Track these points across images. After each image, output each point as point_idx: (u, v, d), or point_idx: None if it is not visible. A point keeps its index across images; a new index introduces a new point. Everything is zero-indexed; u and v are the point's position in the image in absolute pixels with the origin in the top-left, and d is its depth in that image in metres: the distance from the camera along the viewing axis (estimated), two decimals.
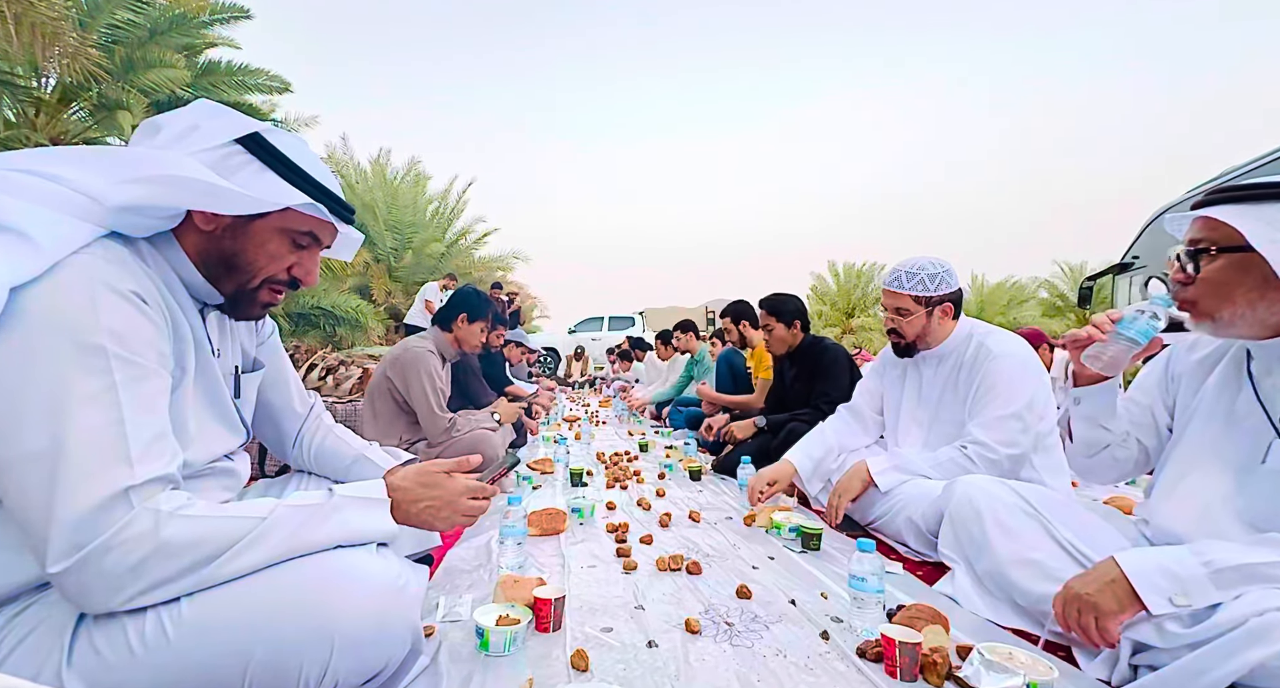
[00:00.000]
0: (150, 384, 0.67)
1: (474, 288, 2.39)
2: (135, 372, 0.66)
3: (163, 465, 0.66)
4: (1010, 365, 1.60)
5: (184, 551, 0.63)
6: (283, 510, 0.69)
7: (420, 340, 2.29)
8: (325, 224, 0.82)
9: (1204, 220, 0.92)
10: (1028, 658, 0.94)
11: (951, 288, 1.71)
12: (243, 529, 0.66)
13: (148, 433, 0.65)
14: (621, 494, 2.26)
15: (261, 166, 0.75)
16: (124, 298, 0.67)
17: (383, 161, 13.95)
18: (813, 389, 2.55)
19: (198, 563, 0.64)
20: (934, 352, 1.77)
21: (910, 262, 1.74)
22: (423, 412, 2.18)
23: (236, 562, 0.66)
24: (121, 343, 0.65)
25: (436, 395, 2.19)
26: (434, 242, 12.89)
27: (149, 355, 0.68)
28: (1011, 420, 1.55)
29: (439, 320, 2.37)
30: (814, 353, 2.60)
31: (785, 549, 1.61)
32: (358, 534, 0.73)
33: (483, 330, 2.37)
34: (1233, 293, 0.89)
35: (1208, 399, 1.04)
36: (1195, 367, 1.10)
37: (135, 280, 0.69)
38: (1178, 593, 0.85)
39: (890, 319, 1.78)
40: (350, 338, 8.80)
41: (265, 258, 0.79)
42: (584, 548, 1.61)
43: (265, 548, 0.67)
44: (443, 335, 2.36)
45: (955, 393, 1.71)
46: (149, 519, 0.62)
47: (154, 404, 0.67)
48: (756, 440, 2.59)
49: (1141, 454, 1.16)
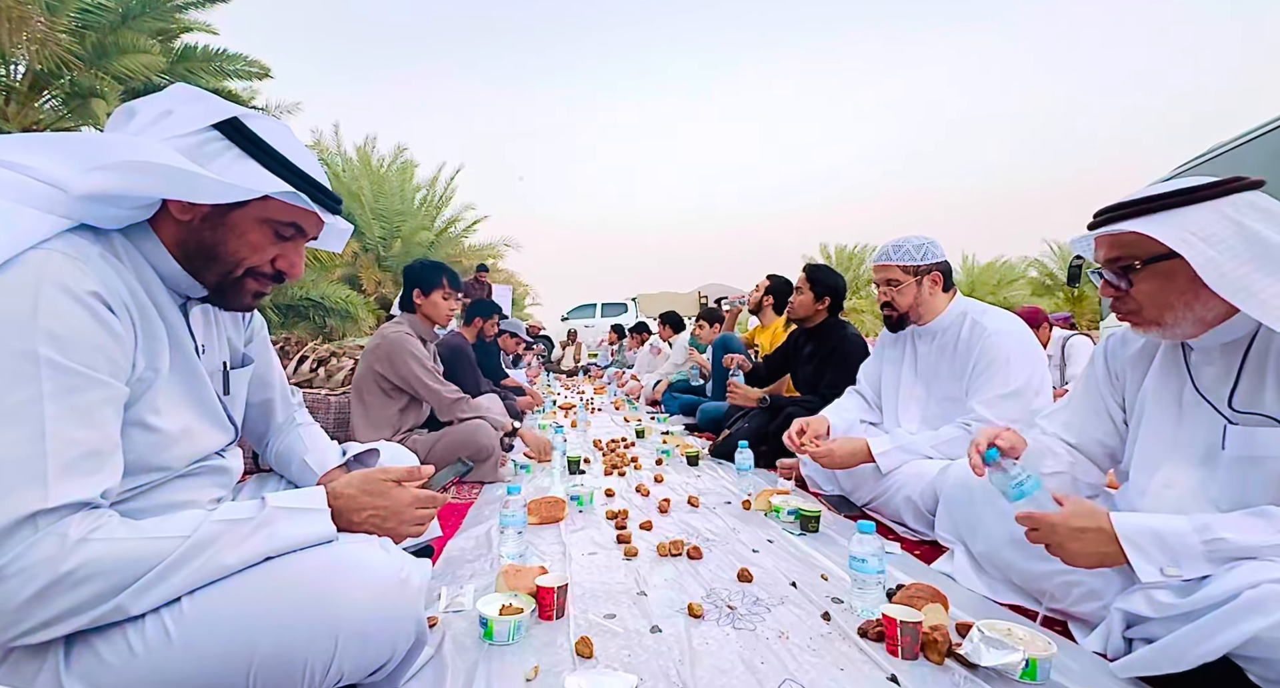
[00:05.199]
0: (90, 395, 0.63)
1: (420, 260, 2.32)
2: (72, 381, 0.62)
3: (87, 487, 0.62)
4: (1007, 343, 1.61)
5: (93, 579, 0.59)
6: (210, 527, 0.66)
7: (395, 326, 2.25)
8: (309, 214, 0.79)
9: (1113, 238, 0.97)
10: (1026, 633, 0.95)
11: (938, 258, 1.75)
12: (163, 551, 0.63)
13: (74, 450, 0.61)
14: (620, 481, 2.26)
15: (240, 153, 0.73)
16: (75, 299, 0.63)
17: (369, 149, 13.69)
18: (823, 375, 2.51)
19: (111, 590, 0.60)
20: (928, 327, 1.78)
21: (897, 238, 1.80)
22: (425, 391, 2.14)
23: (159, 587, 0.62)
24: (61, 349, 0.61)
25: (430, 372, 2.14)
26: (423, 230, 12.80)
27: (96, 363, 0.64)
28: (1013, 398, 1.56)
29: (403, 303, 2.31)
30: (835, 336, 2.57)
31: (784, 532, 1.62)
32: (291, 545, 0.70)
33: (445, 297, 2.27)
34: (1169, 299, 0.93)
35: (1153, 393, 1.06)
36: (1134, 360, 1.13)
37: (99, 278, 0.66)
38: (1169, 563, 0.86)
39: (883, 293, 1.80)
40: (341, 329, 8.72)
41: (246, 249, 0.77)
42: (584, 535, 1.62)
43: (190, 570, 0.64)
44: (412, 317, 2.30)
45: (951, 367, 1.72)
46: (52, 546, 0.58)
47: (91, 417, 0.63)
48: (754, 423, 2.57)
49: (1104, 455, 1.18)
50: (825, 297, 2.60)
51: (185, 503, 0.78)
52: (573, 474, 2.36)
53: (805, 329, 2.72)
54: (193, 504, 0.79)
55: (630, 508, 1.86)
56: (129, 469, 0.70)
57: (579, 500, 1.88)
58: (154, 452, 0.75)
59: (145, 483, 0.75)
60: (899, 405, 1.86)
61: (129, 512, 0.69)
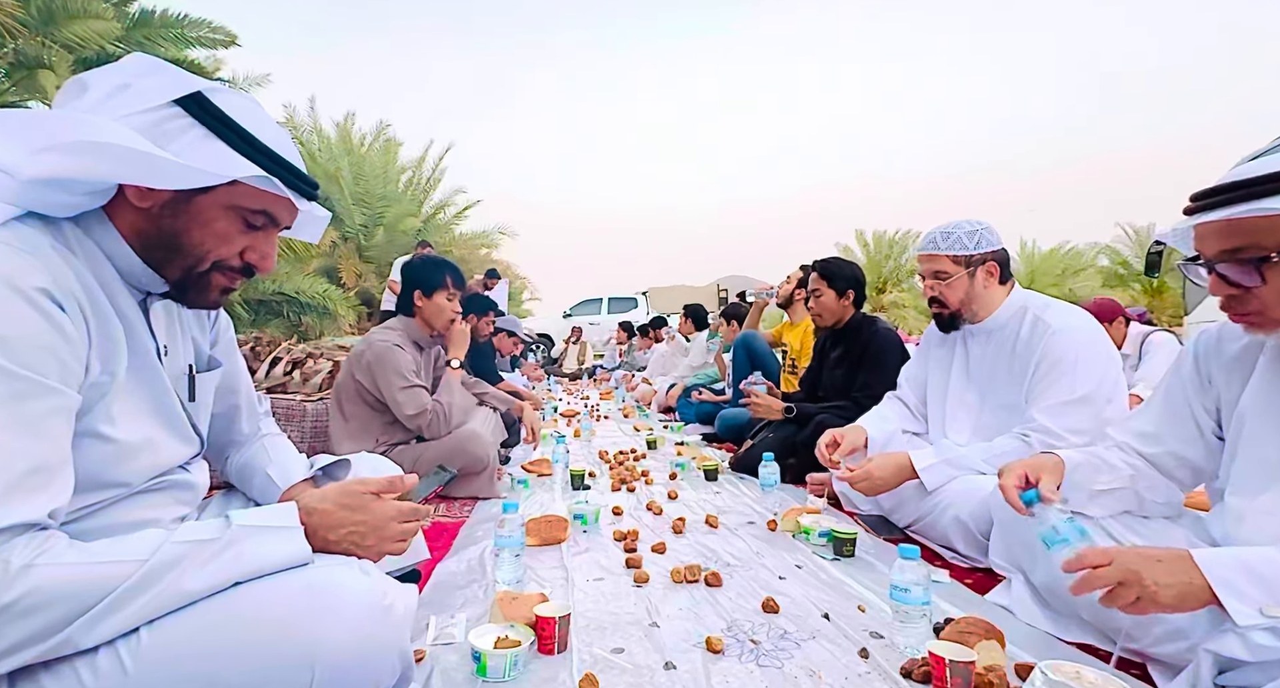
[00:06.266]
0: (38, 403, 0.63)
1: (422, 257, 2.35)
2: (16, 387, 0.62)
3: (33, 506, 0.62)
4: (1074, 342, 1.59)
5: (39, 610, 0.59)
6: (170, 549, 0.66)
7: (385, 332, 2.26)
8: (282, 201, 0.80)
9: (1232, 224, 0.88)
10: (1098, 677, 0.93)
11: (993, 246, 1.73)
12: (118, 577, 0.63)
13: (19, 465, 0.61)
14: (629, 498, 2.28)
15: (205, 132, 0.73)
16: (21, 296, 0.63)
17: (348, 126, 13.78)
18: (855, 378, 2.50)
19: (59, 622, 0.60)
20: (982, 325, 1.76)
21: (945, 224, 1.77)
22: (403, 412, 2.16)
23: (113, 618, 0.62)
24: (5, 351, 0.62)
25: (410, 393, 2.16)
26: (409, 216, 12.84)
27: (45, 367, 0.64)
28: (1079, 406, 1.54)
29: (401, 305, 2.32)
30: (863, 334, 2.56)
31: (815, 557, 1.62)
32: (262, 569, 0.70)
33: (450, 298, 2.27)
34: None
35: (1258, 404, 1.02)
36: (1232, 364, 1.09)
37: (48, 273, 0.66)
38: (1270, 603, 0.83)
39: (930, 287, 1.78)
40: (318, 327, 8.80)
41: (212, 239, 0.77)
42: (589, 559, 1.63)
43: (148, 598, 0.63)
44: (410, 322, 2.30)
45: (1009, 371, 1.70)
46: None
47: (39, 428, 0.63)
48: (780, 433, 2.56)
49: (1184, 469, 1.15)
50: (848, 291, 2.59)
51: (144, 522, 0.78)
52: (576, 490, 2.37)
53: (830, 332, 2.72)
54: (153, 524, 0.79)
55: (641, 528, 1.87)
56: (81, 486, 0.70)
57: (583, 519, 1.89)
58: (109, 466, 0.75)
59: (99, 501, 0.75)
60: (947, 414, 1.84)
61: (81, 533, 0.69)
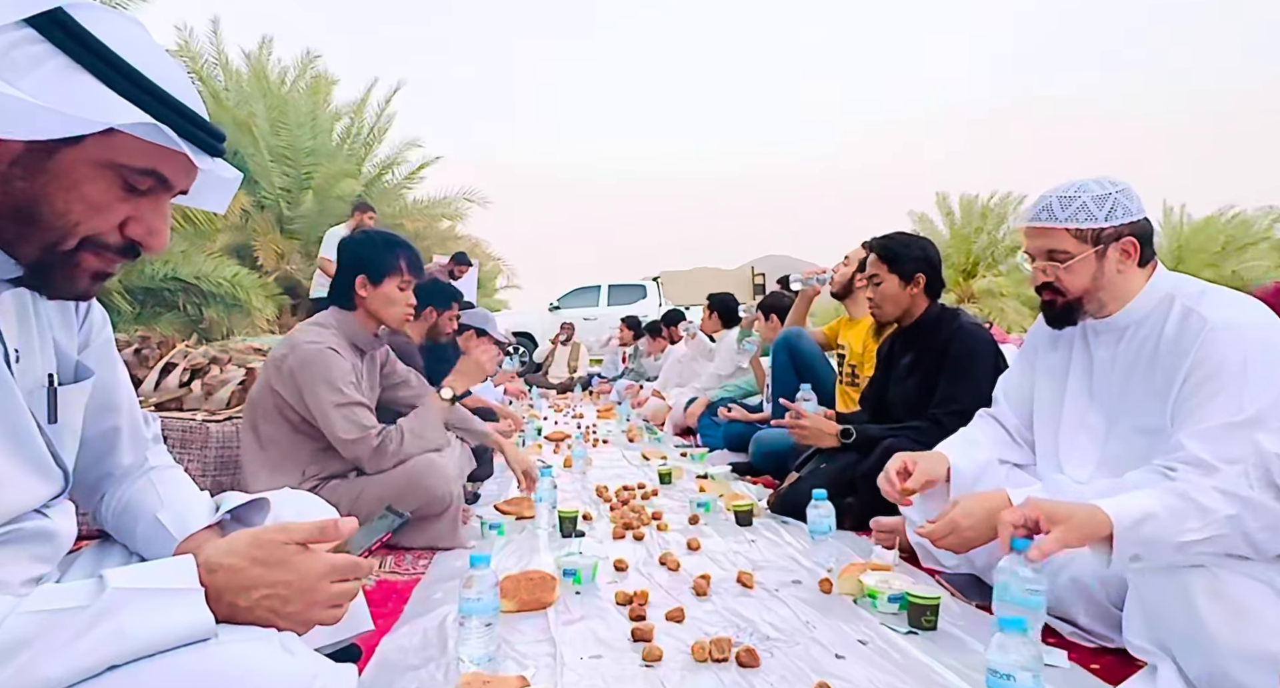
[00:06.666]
0: None
1: (367, 232, 2.34)
2: None
3: None
4: (1241, 343, 1.54)
5: None
6: (20, 621, 0.65)
7: (314, 330, 2.24)
8: (175, 156, 0.78)
9: None
10: None
11: (1132, 215, 1.67)
12: None
13: None
14: (635, 548, 2.26)
15: (68, 63, 0.72)
16: None
17: (263, 58, 13.56)
18: (931, 390, 2.47)
19: None
20: (1112, 320, 1.73)
21: (1064, 185, 1.72)
22: (337, 437, 2.16)
23: None
24: None
25: (347, 412, 2.14)
26: (346, 178, 12.70)
27: None
28: (1247, 430, 1.48)
29: (336, 295, 2.32)
30: (941, 333, 2.54)
31: (884, 629, 1.61)
32: (148, 647, 0.69)
33: (403, 287, 2.28)
34: None
35: None
36: None
37: None
38: None
39: (1041, 271, 1.74)
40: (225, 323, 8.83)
41: (81, 208, 0.76)
42: (584, 630, 1.62)
43: None
44: (348, 316, 2.30)
45: (1148, 383, 1.66)
46: None
47: None
48: (835, 464, 2.55)
49: None
50: (916, 276, 2.58)
51: None
52: (566, 537, 2.35)
53: (898, 331, 2.71)
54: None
55: (652, 588, 1.86)
56: None
57: (576, 577, 1.88)
58: None
59: None
60: (1061, 440, 1.81)
61: None
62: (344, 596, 0.83)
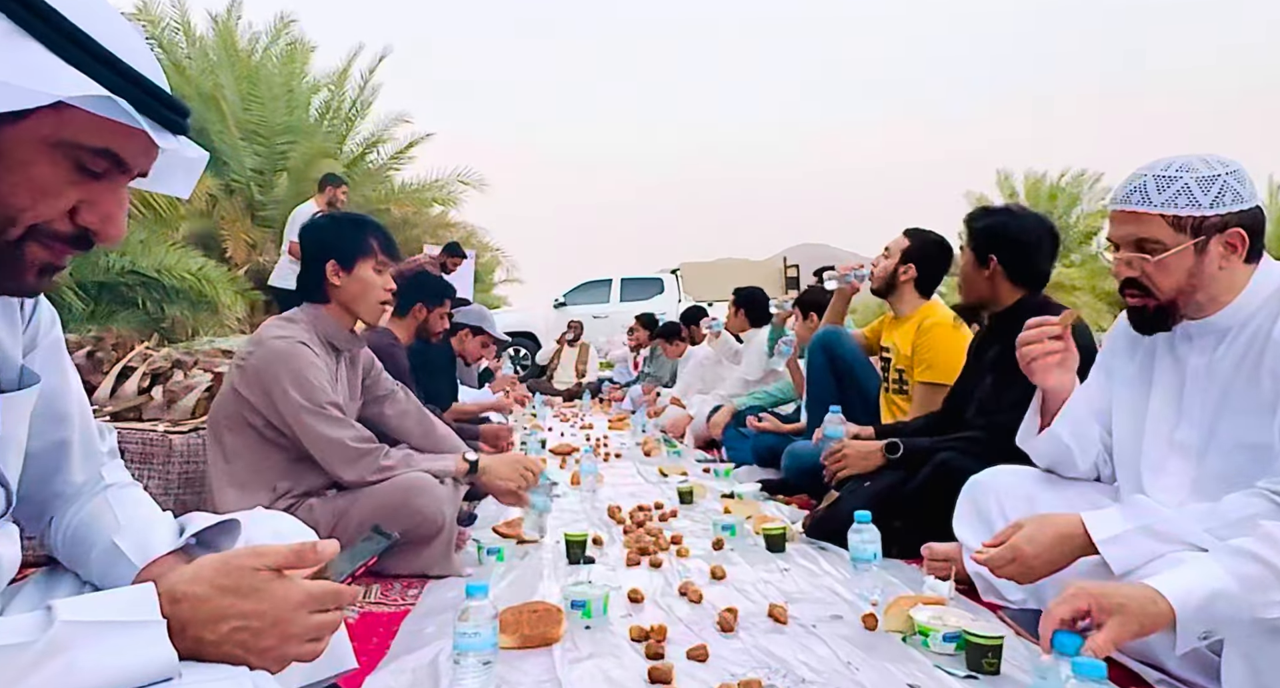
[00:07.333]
0: None
1: (330, 215, 2.35)
2: None
3: None
4: None
5: None
6: None
7: (282, 325, 2.21)
8: (134, 135, 0.77)
9: None
10: None
11: (1243, 203, 1.59)
12: None
13: None
14: (653, 577, 2.26)
15: (11, 27, 0.70)
16: None
17: (231, 22, 12.84)
18: (1004, 393, 2.36)
19: None
20: (1210, 321, 1.66)
21: (1162, 162, 1.64)
22: (315, 442, 2.11)
23: None
24: None
25: (326, 409, 2.10)
26: (324, 158, 12.45)
27: None
28: None
29: (306, 285, 2.28)
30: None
31: (939, 671, 1.60)
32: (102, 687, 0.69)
33: (379, 270, 2.25)
34: None
35: None
36: None
37: None
38: None
39: (1127, 263, 1.66)
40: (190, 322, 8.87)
41: (26, 192, 0.76)
42: (593, 669, 1.62)
43: None
44: (321, 311, 2.26)
45: (1252, 392, 1.58)
46: None
47: None
48: (880, 482, 2.52)
49: None
50: (989, 257, 2.48)
51: None
52: (574, 564, 2.37)
53: (991, 320, 2.61)
54: None
55: (671, 623, 1.85)
56: None
57: (585, 609, 1.87)
58: None
59: None
60: (1145, 458, 1.74)
61: None
62: (324, 628, 0.84)
